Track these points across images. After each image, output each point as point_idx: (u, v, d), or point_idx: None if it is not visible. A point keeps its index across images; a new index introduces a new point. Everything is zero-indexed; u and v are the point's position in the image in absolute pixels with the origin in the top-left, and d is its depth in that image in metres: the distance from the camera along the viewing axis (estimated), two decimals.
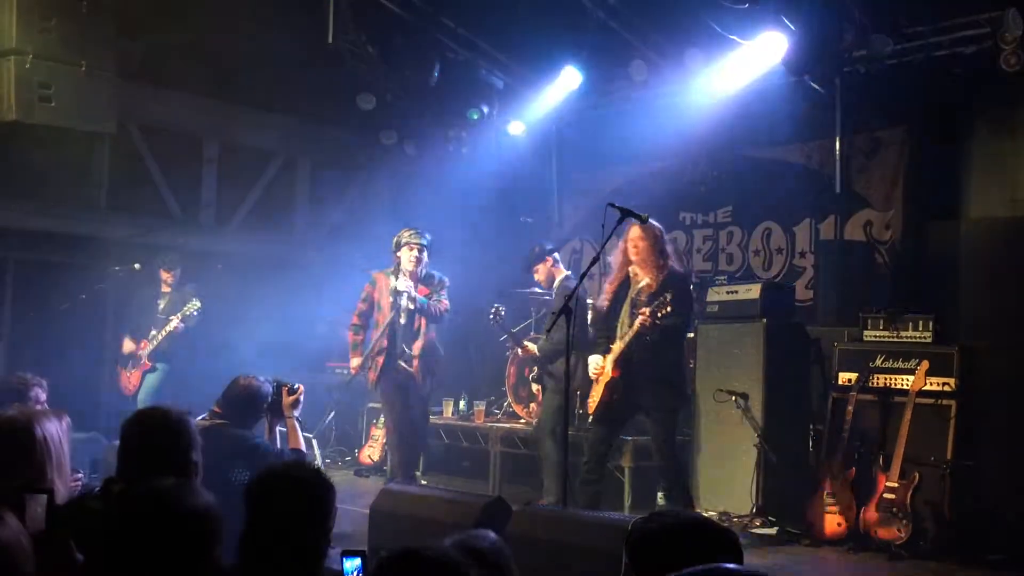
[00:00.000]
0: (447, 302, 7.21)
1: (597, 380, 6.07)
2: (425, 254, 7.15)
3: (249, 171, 10.03)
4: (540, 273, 7.29)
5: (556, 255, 7.36)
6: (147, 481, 2.48)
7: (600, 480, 6.11)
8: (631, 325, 5.88)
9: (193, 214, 9.65)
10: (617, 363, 5.94)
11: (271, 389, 4.77)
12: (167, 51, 8.71)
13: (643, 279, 6.02)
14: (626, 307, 6.06)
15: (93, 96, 7.49)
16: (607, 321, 6.19)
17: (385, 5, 8.25)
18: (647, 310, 5.71)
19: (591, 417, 6.27)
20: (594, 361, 6.12)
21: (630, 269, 6.11)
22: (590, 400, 6.22)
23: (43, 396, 4.95)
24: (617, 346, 5.96)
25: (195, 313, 8.13)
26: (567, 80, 8.69)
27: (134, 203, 9.20)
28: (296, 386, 4.83)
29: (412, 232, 7.13)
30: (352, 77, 8.94)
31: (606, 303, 6.20)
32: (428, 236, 7.19)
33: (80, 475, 4.99)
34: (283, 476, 2.68)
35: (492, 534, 2.40)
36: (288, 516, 2.56)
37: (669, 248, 6.19)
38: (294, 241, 10.43)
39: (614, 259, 6.22)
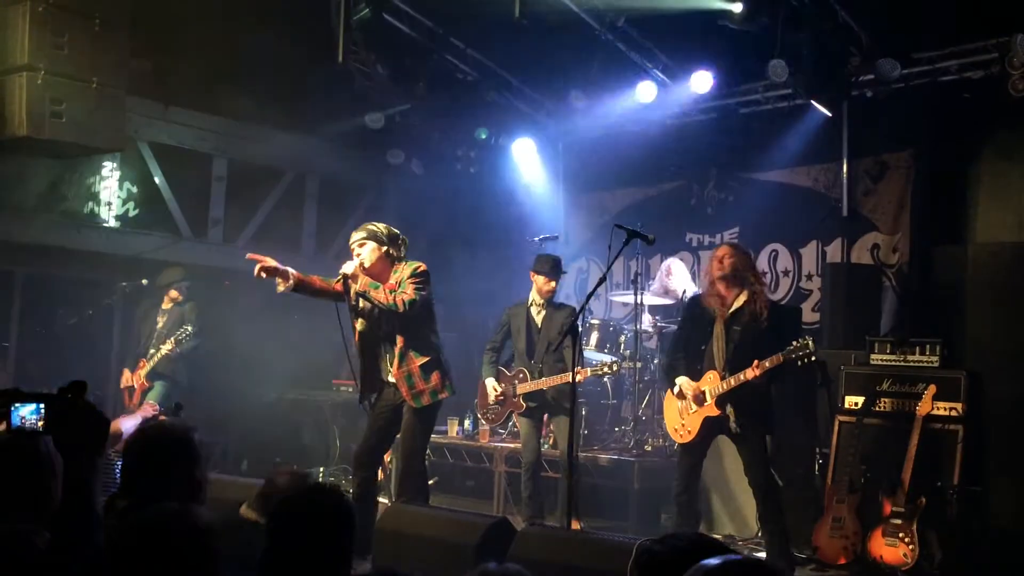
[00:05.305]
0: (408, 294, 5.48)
1: (692, 409, 5.74)
2: (371, 247, 5.53)
3: (258, 189, 10.07)
4: (547, 285, 6.92)
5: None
6: (147, 505, 2.47)
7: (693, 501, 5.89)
8: (733, 359, 5.53)
9: (202, 231, 9.68)
10: (718, 402, 5.62)
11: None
12: (177, 69, 8.77)
13: (735, 301, 5.62)
14: (719, 332, 5.63)
15: (104, 113, 7.52)
16: (686, 345, 5.84)
17: (395, 25, 8.29)
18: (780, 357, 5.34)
19: (678, 446, 5.98)
20: (683, 383, 5.73)
21: (718, 288, 5.63)
22: (675, 429, 5.90)
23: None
24: (719, 385, 5.56)
25: (186, 339, 8.19)
26: (575, 100, 8.72)
27: (143, 220, 9.24)
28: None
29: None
30: (361, 96, 8.99)
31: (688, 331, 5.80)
32: (375, 227, 5.59)
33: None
34: (307, 501, 2.69)
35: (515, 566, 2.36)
36: (312, 541, 2.58)
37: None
38: (302, 259, 10.45)
39: (701, 282, 5.73)
